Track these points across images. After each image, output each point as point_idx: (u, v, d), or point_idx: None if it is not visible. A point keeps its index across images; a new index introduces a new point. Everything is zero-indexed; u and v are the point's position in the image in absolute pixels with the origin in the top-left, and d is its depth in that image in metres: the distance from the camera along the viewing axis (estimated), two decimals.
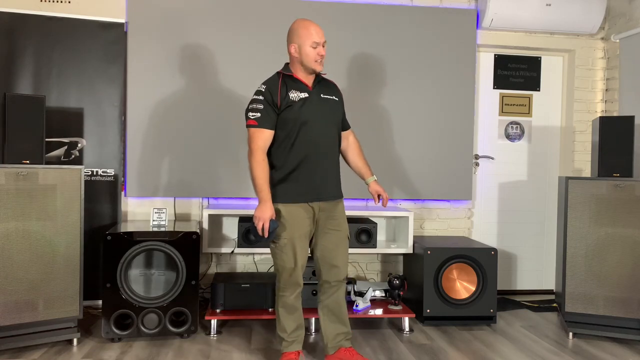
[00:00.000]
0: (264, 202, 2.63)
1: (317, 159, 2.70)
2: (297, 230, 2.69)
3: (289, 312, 2.78)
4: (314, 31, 2.65)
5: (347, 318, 2.90)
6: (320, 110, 2.72)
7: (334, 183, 2.81)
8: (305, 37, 2.65)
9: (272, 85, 2.68)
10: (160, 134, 3.85)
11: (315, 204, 2.73)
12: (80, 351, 3.04)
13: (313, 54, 2.65)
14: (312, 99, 2.70)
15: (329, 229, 2.78)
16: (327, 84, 2.84)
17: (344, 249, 2.83)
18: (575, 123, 4.40)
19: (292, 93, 2.67)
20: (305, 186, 2.69)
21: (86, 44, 3.71)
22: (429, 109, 4.13)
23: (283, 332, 2.79)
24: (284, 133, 2.68)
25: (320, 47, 2.66)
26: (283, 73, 2.73)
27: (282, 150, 2.69)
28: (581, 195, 3.46)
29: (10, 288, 2.95)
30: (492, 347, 3.26)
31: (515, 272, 4.49)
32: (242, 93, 3.91)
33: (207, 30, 3.89)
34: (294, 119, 2.65)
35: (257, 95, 2.68)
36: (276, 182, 2.70)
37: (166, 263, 3.23)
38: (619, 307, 3.38)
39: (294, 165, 2.68)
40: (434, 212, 4.27)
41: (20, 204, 2.98)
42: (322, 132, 2.72)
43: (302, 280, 2.77)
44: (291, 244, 2.69)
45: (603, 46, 4.41)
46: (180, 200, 3.95)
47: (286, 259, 2.70)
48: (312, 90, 2.72)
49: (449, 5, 4.19)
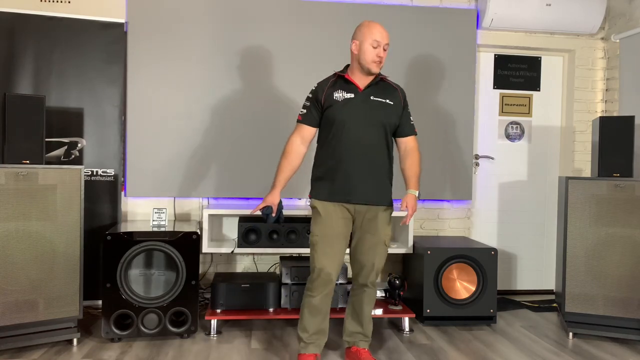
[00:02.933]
0: (273, 189, 2.73)
1: (353, 160, 2.66)
2: (330, 228, 2.68)
3: (312, 314, 2.74)
4: (377, 31, 2.64)
5: (369, 321, 2.89)
6: (364, 112, 2.67)
7: (375, 188, 2.72)
8: (367, 34, 2.64)
9: (323, 84, 2.74)
10: (160, 134, 3.85)
11: (350, 206, 2.71)
12: (80, 351, 3.04)
13: (372, 53, 2.63)
14: (356, 100, 2.67)
15: (364, 232, 2.75)
16: (386, 87, 2.77)
17: (376, 254, 2.76)
18: (575, 123, 4.40)
19: (337, 93, 2.68)
20: (339, 186, 2.68)
21: (86, 44, 3.71)
22: (429, 109, 4.13)
23: (303, 331, 2.77)
24: (326, 132, 2.71)
25: (380, 49, 2.63)
26: (338, 74, 2.75)
27: (325, 149, 2.73)
28: (581, 195, 3.46)
29: (10, 288, 2.95)
30: (492, 347, 3.26)
31: (515, 272, 4.49)
32: (242, 93, 3.92)
33: (207, 30, 3.89)
34: (333, 119, 2.67)
35: (310, 93, 2.76)
36: (315, 178, 2.76)
37: (166, 263, 3.23)
38: (619, 307, 3.38)
39: (331, 164, 2.69)
40: (434, 212, 4.27)
41: (20, 204, 2.98)
42: (362, 134, 2.67)
43: (332, 282, 2.71)
44: (322, 242, 2.67)
45: (603, 46, 4.41)
46: (180, 200, 3.95)
47: (315, 256, 2.69)
48: (363, 91, 2.69)
49: (449, 5, 4.20)
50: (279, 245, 3.59)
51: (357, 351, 2.88)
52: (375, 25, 2.65)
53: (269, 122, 3.93)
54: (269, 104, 3.93)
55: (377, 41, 2.62)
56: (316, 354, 2.77)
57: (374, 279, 2.81)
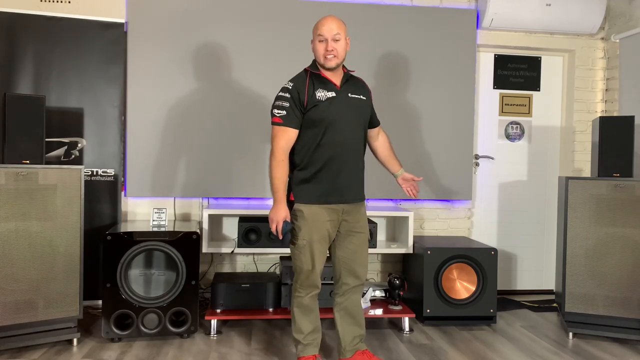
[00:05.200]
0: (278, 203, 2.55)
1: (343, 160, 2.64)
2: (316, 232, 2.62)
3: (305, 313, 2.72)
4: (321, 25, 2.59)
5: (364, 319, 2.85)
6: (348, 111, 2.65)
7: (359, 185, 2.74)
8: (314, 32, 2.62)
9: (300, 83, 2.61)
10: (160, 134, 3.85)
11: (339, 206, 2.67)
12: (80, 351, 3.05)
13: (321, 49, 2.59)
14: (339, 99, 2.63)
15: (352, 231, 2.73)
16: (356, 82, 2.77)
17: (365, 251, 2.78)
18: (575, 123, 4.40)
19: (319, 92, 2.59)
20: (330, 187, 2.63)
21: (86, 44, 3.71)
22: (428, 109, 4.13)
23: (299, 333, 2.72)
24: (310, 133, 2.60)
25: (327, 42, 2.57)
26: (311, 71, 2.65)
27: (306, 150, 2.61)
28: (581, 195, 3.46)
29: (10, 288, 2.95)
30: (492, 347, 3.26)
31: (515, 272, 4.49)
32: (243, 92, 3.92)
33: (207, 30, 3.89)
34: (320, 119, 2.58)
35: (284, 92, 2.60)
36: (299, 182, 2.63)
37: (166, 263, 3.23)
38: (619, 307, 3.38)
39: (319, 165, 2.61)
40: (434, 212, 4.27)
41: (20, 204, 2.98)
42: (349, 133, 2.65)
43: (319, 282, 2.70)
44: (310, 246, 2.62)
45: (603, 46, 4.41)
46: (180, 200, 3.95)
47: (304, 260, 2.64)
48: (340, 89, 2.65)
49: (449, 5, 4.20)
50: (279, 245, 3.59)
51: (362, 354, 2.81)
52: (321, 20, 2.62)
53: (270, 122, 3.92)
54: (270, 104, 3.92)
55: (321, 35, 2.59)
56: (316, 355, 2.75)
57: (366, 276, 2.82)
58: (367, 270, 2.82)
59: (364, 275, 2.79)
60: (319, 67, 2.65)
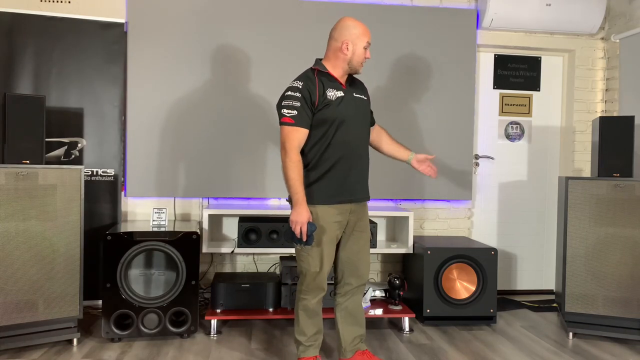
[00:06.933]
0: (300, 205, 2.50)
1: (353, 158, 2.64)
2: (326, 233, 2.60)
3: (309, 316, 2.70)
4: (368, 32, 2.63)
5: (364, 319, 2.84)
6: (355, 110, 2.66)
7: (366, 184, 2.75)
8: (362, 35, 2.61)
9: (310, 83, 2.57)
10: (160, 134, 3.85)
11: (348, 206, 2.66)
12: (80, 351, 3.05)
13: (363, 55, 2.63)
14: (347, 98, 2.63)
15: (356, 230, 2.72)
16: (357, 83, 2.78)
17: (368, 251, 2.78)
18: (575, 123, 4.40)
19: (329, 92, 2.58)
20: (340, 187, 2.61)
21: (86, 44, 3.72)
22: (428, 109, 4.13)
23: (301, 335, 2.71)
24: (320, 132, 2.57)
25: (369, 49, 2.64)
26: (318, 70, 2.63)
27: (317, 150, 2.58)
28: (581, 195, 3.46)
29: (10, 288, 2.95)
30: (492, 347, 3.26)
31: (515, 272, 4.49)
32: (243, 92, 3.92)
33: (207, 30, 3.89)
34: (332, 118, 2.56)
35: (293, 91, 2.55)
36: (310, 182, 2.59)
37: (166, 263, 3.23)
38: (619, 307, 3.38)
39: (329, 165, 2.58)
40: (434, 212, 4.27)
41: (20, 204, 2.98)
42: (357, 132, 2.66)
43: (326, 284, 2.68)
44: (319, 247, 2.60)
45: (603, 46, 4.41)
46: (180, 200, 3.95)
47: (312, 262, 2.61)
48: (346, 89, 2.66)
49: (449, 5, 4.20)
50: (279, 245, 3.59)
51: (362, 354, 2.81)
52: (364, 26, 2.64)
53: (270, 122, 3.92)
54: (270, 104, 3.93)
55: (369, 42, 2.63)
56: (317, 356, 2.75)
57: (368, 275, 2.81)
58: (369, 270, 2.82)
59: (367, 275, 2.79)
60: (326, 66, 2.65)
